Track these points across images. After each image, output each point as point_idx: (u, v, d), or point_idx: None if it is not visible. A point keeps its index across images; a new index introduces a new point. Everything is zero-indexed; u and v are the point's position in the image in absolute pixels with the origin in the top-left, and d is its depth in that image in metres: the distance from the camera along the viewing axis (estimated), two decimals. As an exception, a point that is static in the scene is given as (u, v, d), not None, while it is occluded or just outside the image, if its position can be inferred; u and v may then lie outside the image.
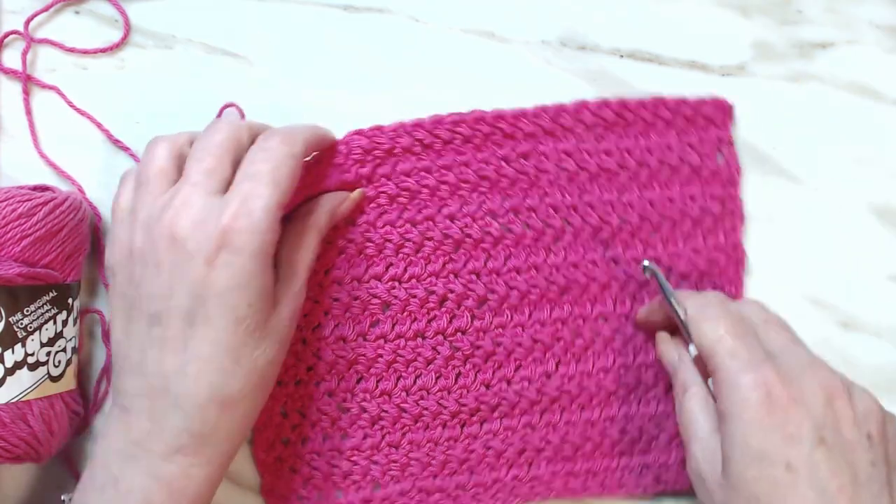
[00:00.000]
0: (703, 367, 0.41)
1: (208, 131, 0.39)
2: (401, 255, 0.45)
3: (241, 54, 0.48)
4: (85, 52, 0.48)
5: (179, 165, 0.39)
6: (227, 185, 0.38)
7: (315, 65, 0.48)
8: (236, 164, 0.38)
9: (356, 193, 0.45)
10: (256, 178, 0.37)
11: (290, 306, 0.40)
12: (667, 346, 0.44)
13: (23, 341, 0.41)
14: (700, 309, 0.41)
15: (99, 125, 0.48)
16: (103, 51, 0.48)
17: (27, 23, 0.48)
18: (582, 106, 0.46)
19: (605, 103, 0.46)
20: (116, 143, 0.48)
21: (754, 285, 0.47)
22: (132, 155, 0.48)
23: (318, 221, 0.43)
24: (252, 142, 0.40)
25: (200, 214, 0.36)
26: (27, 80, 0.48)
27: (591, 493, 0.46)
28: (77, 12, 0.49)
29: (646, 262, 0.44)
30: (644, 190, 0.46)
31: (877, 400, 0.39)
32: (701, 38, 0.48)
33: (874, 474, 0.36)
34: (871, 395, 0.39)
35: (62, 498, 0.40)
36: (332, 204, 0.44)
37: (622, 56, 0.48)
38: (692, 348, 0.41)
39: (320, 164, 0.44)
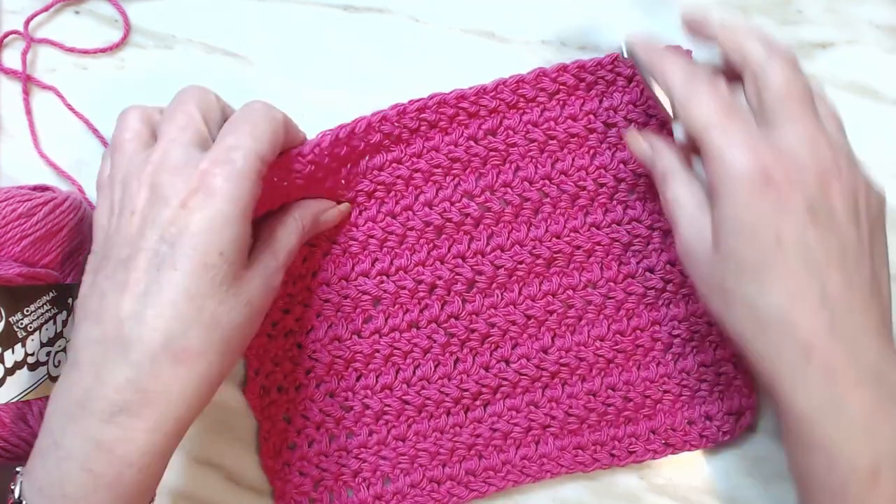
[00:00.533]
0: (688, 151, 0.40)
1: (176, 96, 0.39)
2: (385, 249, 0.46)
3: (241, 54, 0.48)
4: (85, 52, 0.48)
5: (153, 131, 0.38)
6: (205, 141, 0.37)
7: (315, 65, 0.48)
8: (209, 123, 0.38)
9: (344, 206, 0.45)
10: (239, 131, 0.36)
11: (263, 277, 0.38)
12: (635, 140, 0.42)
13: (23, 341, 0.41)
14: (687, 85, 0.38)
15: (94, 129, 0.48)
16: (103, 51, 0.48)
17: (27, 23, 0.48)
18: (541, 74, 0.45)
19: (563, 67, 0.45)
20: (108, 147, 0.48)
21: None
22: None
23: (302, 216, 0.42)
24: (222, 113, 0.39)
25: (180, 163, 0.35)
26: (27, 80, 0.48)
27: (601, 465, 0.46)
28: (77, 12, 0.49)
29: (624, 42, 0.42)
30: (615, 150, 0.46)
31: (866, 174, 0.39)
32: (701, 37, 0.48)
33: (860, 250, 0.36)
34: (861, 169, 0.38)
35: (16, 469, 0.37)
36: (318, 207, 0.44)
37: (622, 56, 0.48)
38: (678, 130, 0.39)
39: (290, 172, 0.43)
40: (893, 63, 0.48)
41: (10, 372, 0.41)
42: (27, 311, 0.42)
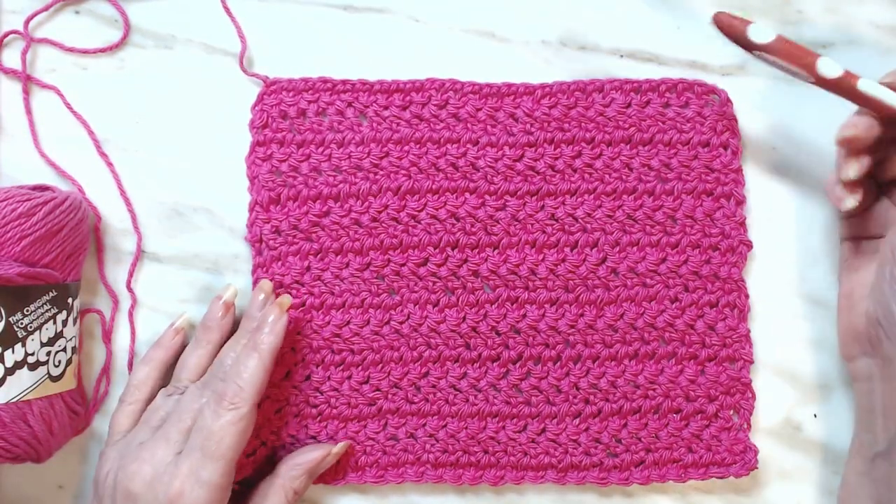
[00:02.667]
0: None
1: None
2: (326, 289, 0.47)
3: (241, 54, 0.48)
4: (85, 52, 0.48)
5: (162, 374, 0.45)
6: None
7: (315, 65, 0.48)
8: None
9: (339, 447, 0.45)
10: (205, 449, 0.40)
11: None
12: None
13: (23, 341, 0.41)
14: None
15: (90, 131, 0.48)
16: (103, 51, 0.48)
17: (27, 22, 0.48)
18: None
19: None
20: (102, 155, 0.48)
21: (755, 285, 0.47)
22: (113, 172, 0.48)
23: (292, 480, 0.44)
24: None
25: (155, 473, 0.40)
26: (27, 80, 0.48)
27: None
28: (77, 12, 0.49)
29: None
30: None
31: None
32: (701, 38, 0.48)
33: None
34: None
35: None
36: (311, 464, 0.44)
37: (622, 56, 0.48)
38: None
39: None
40: (893, 63, 0.48)
41: (10, 372, 0.41)
42: (27, 311, 0.42)
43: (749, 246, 0.47)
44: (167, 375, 0.45)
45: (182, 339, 0.46)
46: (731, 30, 0.42)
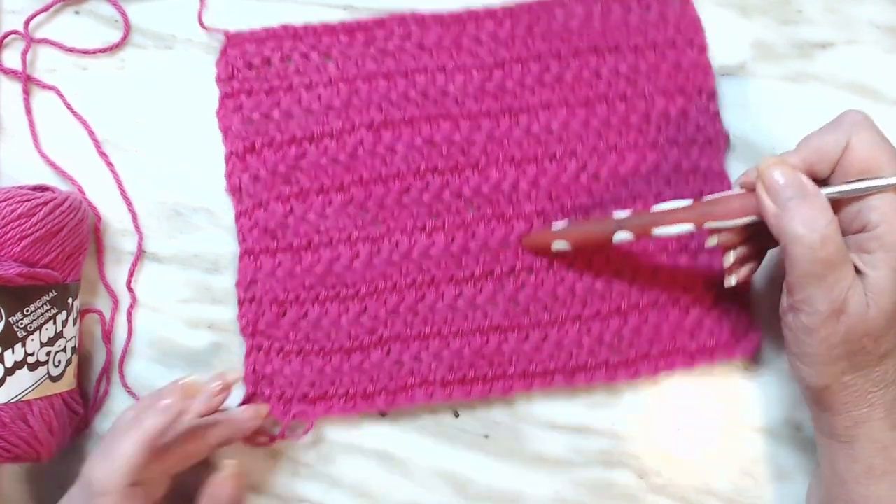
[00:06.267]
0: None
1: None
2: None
3: (241, 54, 0.48)
4: (85, 52, 0.48)
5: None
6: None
7: (315, 65, 0.48)
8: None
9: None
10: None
11: None
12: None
13: (23, 341, 0.41)
14: None
15: (90, 131, 0.48)
16: (103, 51, 0.48)
17: (27, 23, 0.48)
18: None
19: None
20: (102, 155, 0.48)
21: (755, 284, 0.47)
22: (113, 172, 0.48)
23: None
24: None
25: None
26: (27, 80, 0.48)
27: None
28: (77, 12, 0.49)
29: None
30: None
31: None
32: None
33: None
34: None
35: None
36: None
37: None
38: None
39: None
40: (893, 63, 0.48)
41: (10, 372, 0.41)
42: (27, 311, 0.42)
43: (726, 138, 0.47)
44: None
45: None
46: (539, 251, 0.46)
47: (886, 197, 0.37)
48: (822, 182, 0.38)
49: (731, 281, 0.42)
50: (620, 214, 0.42)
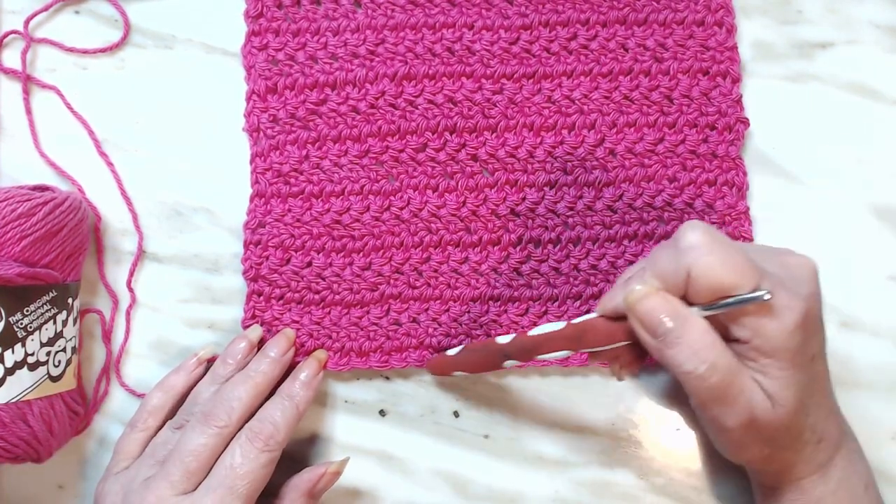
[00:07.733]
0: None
1: (194, 432, 0.41)
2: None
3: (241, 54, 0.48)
4: (85, 52, 0.48)
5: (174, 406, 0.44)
6: (198, 483, 0.40)
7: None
8: (213, 461, 0.40)
9: (336, 465, 0.43)
10: (233, 488, 0.39)
11: None
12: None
13: (23, 341, 0.41)
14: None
15: (90, 131, 0.48)
16: (103, 51, 0.48)
17: (27, 22, 0.48)
18: None
19: None
20: (102, 155, 0.48)
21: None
22: (113, 172, 0.48)
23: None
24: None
25: None
26: (27, 80, 0.48)
27: None
28: (77, 12, 0.49)
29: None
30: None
31: None
32: (701, 38, 0.48)
33: None
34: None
35: None
36: (308, 484, 0.42)
37: (622, 56, 0.48)
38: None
39: None
40: (893, 63, 0.48)
41: (10, 372, 0.41)
42: (27, 311, 0.42)
43: (746, 124, 0.47)
44: (179, 405, 0.44)
45: (203, 370, 0.45)
46: (441, 375, 0.45)
47: (749, 309, 0.35)
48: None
49: (623, 378, 0.42)
50: (503, 340, 0.41)
